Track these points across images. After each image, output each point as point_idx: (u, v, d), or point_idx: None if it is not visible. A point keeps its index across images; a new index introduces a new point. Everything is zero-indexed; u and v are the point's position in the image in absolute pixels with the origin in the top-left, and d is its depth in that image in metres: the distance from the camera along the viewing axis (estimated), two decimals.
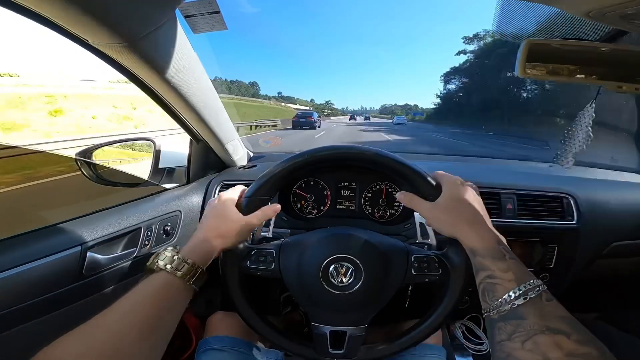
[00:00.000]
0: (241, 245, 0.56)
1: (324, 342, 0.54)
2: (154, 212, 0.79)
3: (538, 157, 1.24)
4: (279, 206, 0.56)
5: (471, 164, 1.17)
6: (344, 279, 0.51)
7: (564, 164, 0.65)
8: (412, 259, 0.54)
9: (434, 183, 0.52)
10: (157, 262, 0.45)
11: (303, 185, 0.88)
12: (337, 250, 0.52)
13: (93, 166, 0.88)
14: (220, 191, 0.89)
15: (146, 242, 0.75)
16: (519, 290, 0.38)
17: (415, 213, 0.64)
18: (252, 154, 1.12)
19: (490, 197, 0.84)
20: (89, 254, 0.64)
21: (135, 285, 0.43)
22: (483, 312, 0.41)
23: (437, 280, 0.54)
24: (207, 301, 1.04)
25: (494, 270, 0.41)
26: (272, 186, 0.55)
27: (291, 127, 17.03)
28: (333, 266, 0.52)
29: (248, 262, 0.55)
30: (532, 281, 0.38)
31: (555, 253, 0.86)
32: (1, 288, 0.53)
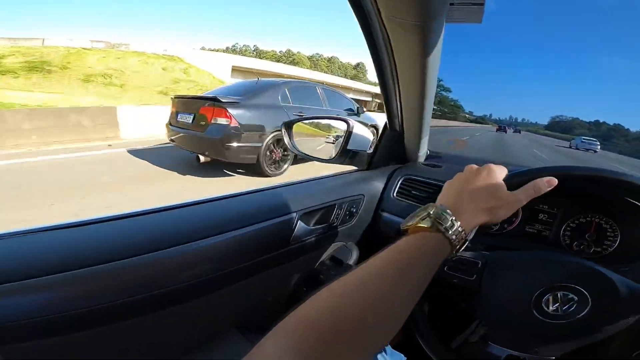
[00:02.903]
0: None
1: None
2: (343, 192, 0.80)
3: None
4: (555, 180, 0.46)
5: None
6: (559, 309, 0.49)
7: None
8: None
9: None
10: (438, 222, 0.40)
11: None
12: (564, 279, 0.49)
13: (292, 136, 0.96)
14: (402, 184, 0.86)
15: (335, 220, 0.78)
16: None
17: None
18: (429, 152, 1.05)
19: None
20: (299, 222, 0.68)
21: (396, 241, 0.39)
22: None
23: None
24: None
25: None
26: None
27: None
28: (551, 294, 0.50)
29: (446, 267, 0.54)
30: None
31: None
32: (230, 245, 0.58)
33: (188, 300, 0.55)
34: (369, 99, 36.33)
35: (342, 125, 0.94)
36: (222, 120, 3.63)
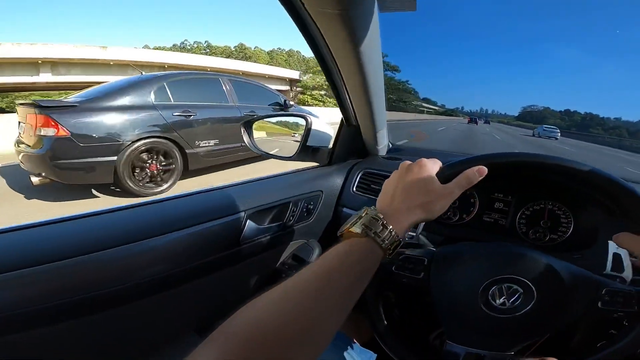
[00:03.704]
0: None
1: None
2: (300, 189, 0.79)
3: None
4: (485, 168, 0.46)
5: None
6: (507, 302, 0.47)
7: None
8: (603, 292, 0.47)
9: None
10: (368, 227, 0.40)
11: None
12: (506, 270, 0.48)
13: (252, 135, 0.95)
14: (362, 178, 0.85)
15: (290, 218, 0.77)
16: None
17: (610, 241, 0.53)
18: (390, 145, 1.05)
19: None
20: (248, 221, 0.67)
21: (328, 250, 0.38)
22: None
23: (623, 319, 0.48)
24: None
25: None
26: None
27: None
28: (497, 286, 0.48)
29: (394, 267, 0.52)
30: None
31: None
32: (171, 247, 0.57)
33: (138, 300, 0.55)
34: (287, 87, 28.37)
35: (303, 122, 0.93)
36: (47, 131, 2.80)
